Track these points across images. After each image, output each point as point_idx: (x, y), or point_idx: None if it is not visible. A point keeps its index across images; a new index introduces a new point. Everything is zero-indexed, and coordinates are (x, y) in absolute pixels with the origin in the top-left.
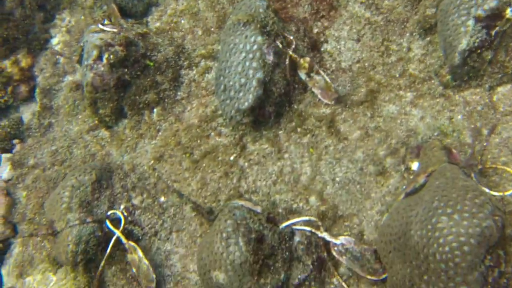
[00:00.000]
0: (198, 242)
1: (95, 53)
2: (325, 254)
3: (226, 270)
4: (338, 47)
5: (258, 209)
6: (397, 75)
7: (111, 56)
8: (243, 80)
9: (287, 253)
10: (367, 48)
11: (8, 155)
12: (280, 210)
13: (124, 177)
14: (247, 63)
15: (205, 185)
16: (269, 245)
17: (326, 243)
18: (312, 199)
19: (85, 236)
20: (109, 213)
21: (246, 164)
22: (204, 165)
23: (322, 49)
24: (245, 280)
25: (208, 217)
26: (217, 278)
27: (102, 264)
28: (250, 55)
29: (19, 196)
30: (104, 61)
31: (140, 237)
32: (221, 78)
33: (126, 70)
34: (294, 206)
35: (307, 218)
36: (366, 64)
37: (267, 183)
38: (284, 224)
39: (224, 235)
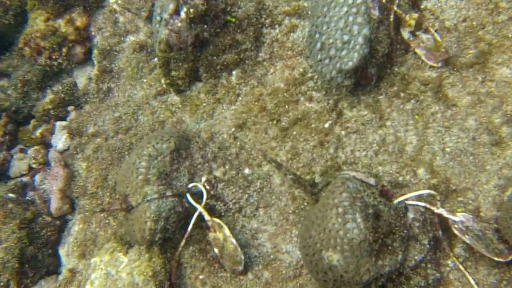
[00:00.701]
0: (290, 219)
1: (172, 6)
2: (440, 232)
3: (342, 250)
4: (440, 4)
5: (372, 181)
6: (510, 35)
7: (191, 10)
8: (346, 37)
9: (404, 231)
10: (473, 6)
11: (64, 123)
12: (384, 184)
13: (203, 146)
14: (351, 18)
15: (297, 155)
16: (386, 222)
17: (442, 221)
18: (421, 171)
19: (165, 211)
20: (190, 186)
21: (343, 132)
22: (294, 133)
23: (422, 7)
24: (362, 261)
25: (311, 190)
26: (330, 260)
27: (182, 243)
28: (354, 9)
29: (78, 168)
30: (183, 15)
31: (223, 214)
32: (317, 35)
33: (205, 26)
34: (400, 179)
35: (426, 191)
36: (474, 23)
37: (368, 153)
38: (400, 199)
39: (340, 210)
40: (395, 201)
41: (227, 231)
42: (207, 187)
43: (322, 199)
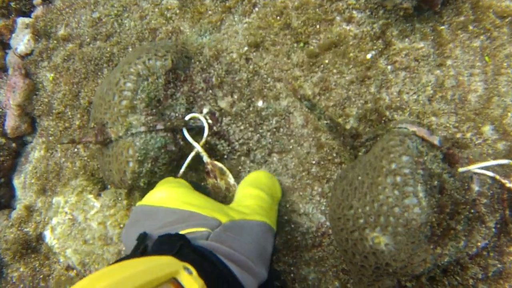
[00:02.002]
0: (313, 172)
1: None
2: (508, 212)
3: (394, 233)
4: None
5: (436, 140)
6: None
7: None
8: None
9: (472, 211)
10: None
11: (27, 19)
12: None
13: (206, 67)
14: None
15: (327, 90)
16: (451, 197)
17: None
18: (486, 129)
19: (153, 150)
20: (187, 117)
21: (390, 67)
22: (326, 61)
23: None
24: (419, 250)
25: (351, 143)
26: (376, 242)
27: None
28: None
29: (42, 80)
30: None
31: (226, 156)
32: None
33: None
34: (458, 135)
35: (505, 161)
36: None
37: (419, 98)
38: (471, 167)
39: (398, 179)
40: (460, 169)
41: (231, 179)
42: (209, 120)
43: (369, 159)
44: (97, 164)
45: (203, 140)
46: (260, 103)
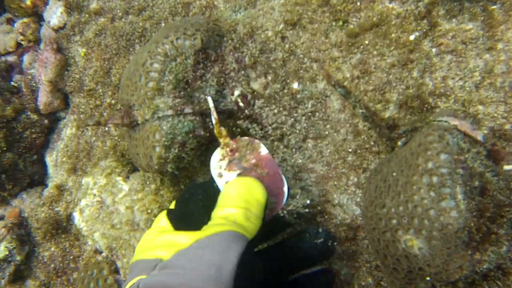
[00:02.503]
0: (349, 160)
1: None
2: None
3: (429, 237)
4: None
5: (480, 135)
6: None
7: None
8: None
9: None
10: None
11: None
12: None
13: (239, 46)
14: None
15: (366, 73)
16: (494, 199)
17: None
18: None
19: (181, 135)
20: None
21: (435, 50)
22: (366, 42)
23: None
24: (455, 255)
25: (387, 134)
26: (409, 245)
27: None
28: None
29: (74, 55)
30: None
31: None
32: None
33: None
34: (507, 127)
35: None
36: None
37: (465, 85)
38: None
39: (435, 179)
40: (506, 167)
41: (263, 150)
42: (241, 103)
43: (406, 154)
44: (127, 144)
45: (214, 119)
46: (295, 85)
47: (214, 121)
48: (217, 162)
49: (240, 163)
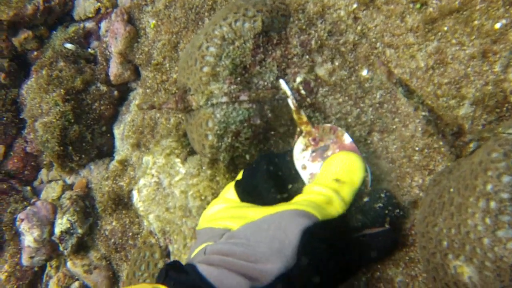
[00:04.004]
0: (415, 159)
1: None
2: None
3: (480, 267)
4: None
5: None
6: None
7: None
8: None
9: None
10: None
11: None
12: None
13: (306, 28)
14: None
15: (442, 64)
16: None
17: None
18: None
19: (235, 124)
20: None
21: None
22: (445, 29)
23: None
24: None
25: (451, 142)
26: (459, 272)
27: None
28: None
29: (145, 25)
30: None
31: None
32: None
33: None
34: None
35: None
36: None
37: None
38: None
39: (493, 205)
40: None
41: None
42: (303, 91)
43: (466, 167)
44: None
45: (292, 105)
46: (364, 72)
47: (292, 107)
48: (300, 152)
49: (324, 153)
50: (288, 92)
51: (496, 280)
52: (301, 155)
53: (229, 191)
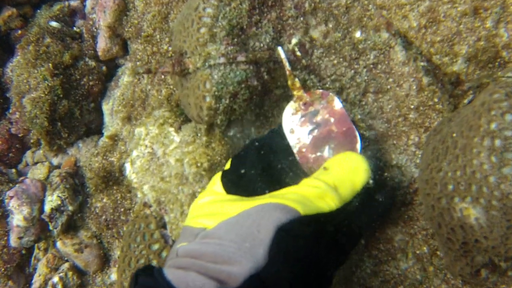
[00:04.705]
0: (411, 118)
1: None
2: None
3: (487, 207)
4: None
5: None
6: None
7: None
8: None
9: None
10: None
11: None
12: None
13: None
14: None
15: (435, 22)
16: None
17: None
18: None
19: (233, 84)
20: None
21: None
22: None
23: None
24: None
25: (450, 90)
26: (465, 214)
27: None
28: None
29: None
30: None
31: None
32: None
33: None
34: None
35: None
36: None
37: None
38: None
39: (498, 143)
40: None
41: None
42: (298, 52)
43: (468, 113)
44: (179, 93)
45: (287, 70)
46: (358, 34)
47: (287, 73)
48: (290, 116)
49: (313, 118)
50: (283, 58)
51: (503, 219)
52: (290, 119)
53: (216, 183)
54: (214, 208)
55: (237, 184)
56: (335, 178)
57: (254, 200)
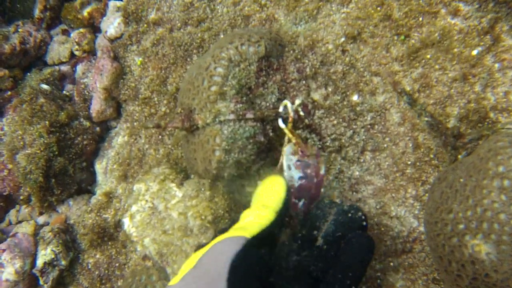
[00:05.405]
0: (408, 173)
1: None
2: None
3: (498, 242)
4: None
5: None
6: None
7: None
8: None
9: None
10: None
11: (119, 3)
12: None
13: (300, 57)
14: None
15: (428, 87)
16: None
17: None
18: None
19: (242, 140)
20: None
21: (497, 66)
22: (428, 56)
23: None
24: None
25: (452, 143)
26: (476, 250)
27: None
28: None
29: (130, 64)
30: None
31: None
32: None
33: None
34: None
35: None
36: None
37: None
38: None
39: (507, 183)
40: None
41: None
42: (301, 112)
43: (473, 160)
44: (181, 152)
45: (289, 122)
46: (355, 97)
47: (290, 119)
48: (290, 154)
49: (305, 168)
50: (290, 110)
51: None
52: (290, 156)
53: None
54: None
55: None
56: (261, 200)
57: (205, 247)
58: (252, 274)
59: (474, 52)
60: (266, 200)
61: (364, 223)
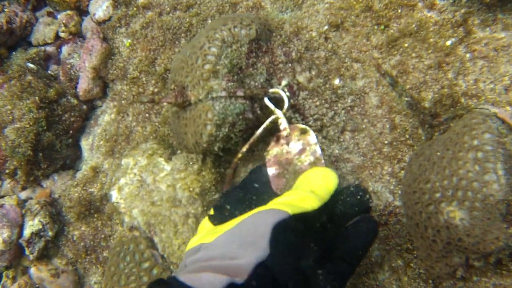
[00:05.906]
0: (384, 151)
1: None
2: None
3: (471, 208)
4: None
5: None
6: None
7: None
8: None
9: None
10: None
11: None
12: None
13: (287, 42)
14: None
15: (405, 73)
16: None
17: None
18: None
19: (232, 116)
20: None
21: (469, 55)
22: (405, 45)
23: None
24: (493, 226)
25: (429, 122)
26: (451, 216)
27: (244, 148)
28: None
29: (119, 45)
30: None
31: None
32: None
33: None
34: None
35: None
36: None
37: (495, 87)
38: None
39: (480, 155)
40: None
41: (312, 137)
42: (287, 93)
43: (450, 135)
44: (168, 130)
45: (284, 109)
46: (337, 81)
47: (286, 106)
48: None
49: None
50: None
51: (484, 217)
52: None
53: (205, 226)
54: (208, 232)
55: (225, 216)
56: (309, 185)
57: (246, 214)
58: (293, 241)
59: (448, 43)
60: (315, 188)
61: (370, 205)
